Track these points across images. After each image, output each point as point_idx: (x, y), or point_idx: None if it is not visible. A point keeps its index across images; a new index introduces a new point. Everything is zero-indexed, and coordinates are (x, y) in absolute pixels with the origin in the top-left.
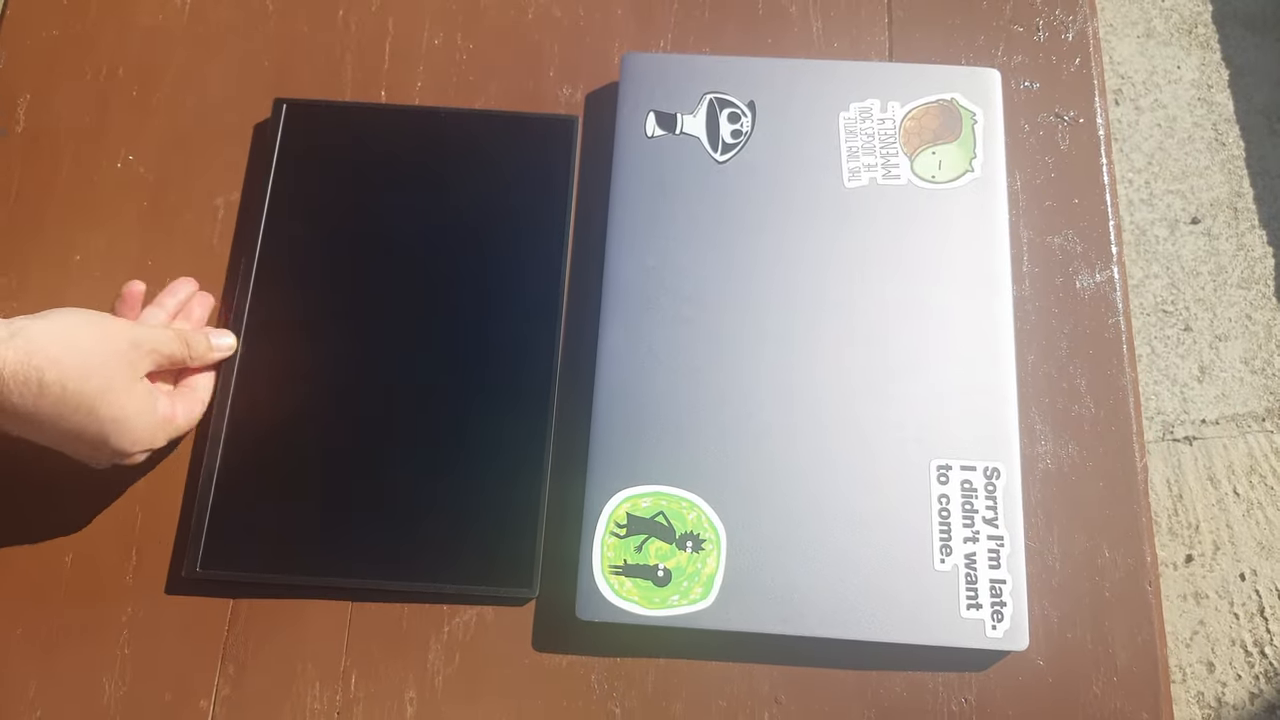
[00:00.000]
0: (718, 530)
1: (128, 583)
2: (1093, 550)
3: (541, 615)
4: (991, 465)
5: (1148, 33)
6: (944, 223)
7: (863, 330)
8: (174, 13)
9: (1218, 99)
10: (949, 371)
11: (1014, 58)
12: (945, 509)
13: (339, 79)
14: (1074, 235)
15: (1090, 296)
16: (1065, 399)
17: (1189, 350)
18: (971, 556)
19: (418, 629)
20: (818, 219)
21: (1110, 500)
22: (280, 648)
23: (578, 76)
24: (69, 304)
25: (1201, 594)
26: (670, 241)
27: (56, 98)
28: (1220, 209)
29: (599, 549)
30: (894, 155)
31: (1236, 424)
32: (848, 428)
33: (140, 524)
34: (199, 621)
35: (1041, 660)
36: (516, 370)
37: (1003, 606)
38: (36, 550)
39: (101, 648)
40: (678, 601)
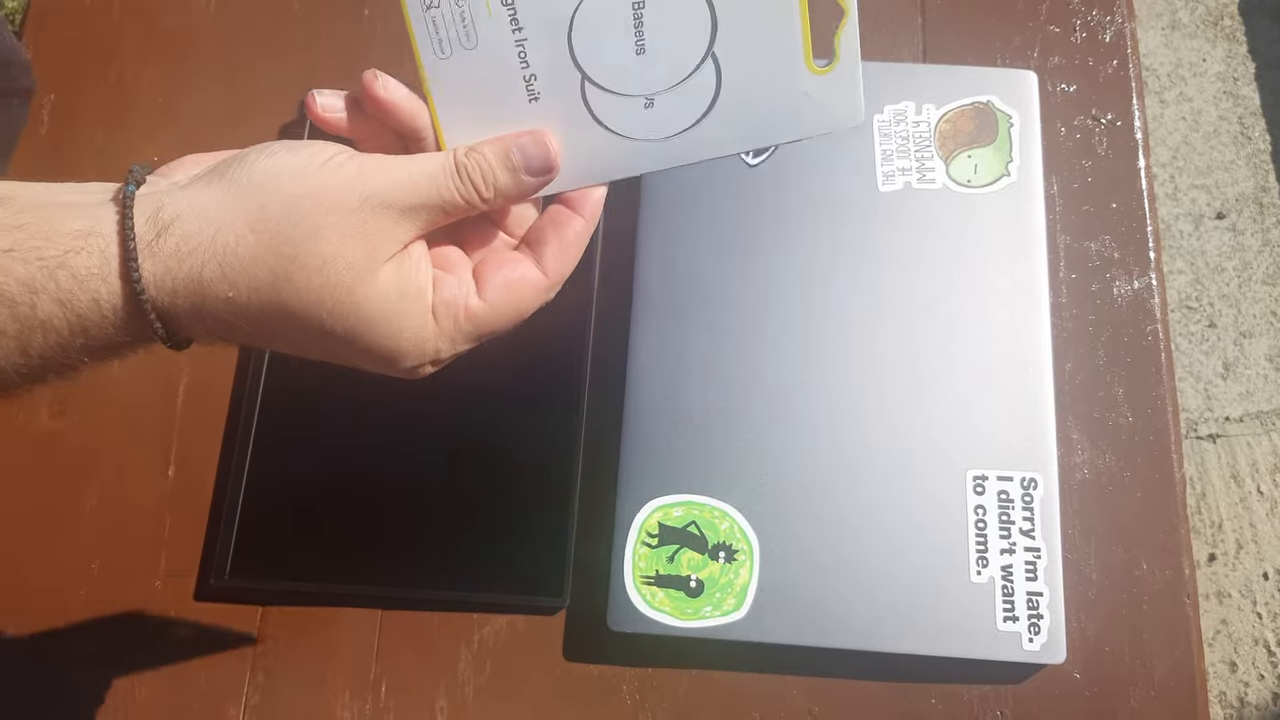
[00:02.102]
0: (750, 541)
1: (157, 590)
2: (1130, 562)
3: (572, 625)
4: (1029, 476)
5: (1173, 24)
6: (980, 228)
7: (897, 337)
8: (198, 13)
9: (1244, 92)
10: (985, 379)
11: (1050, 59)
12: (982, 520)
13: None
14: (1111, 241)
15: (1128, 304)
16: (1102, 408)
17: (1213, 347)
18: (1008, 568)
19: (448, 638)
20: (851, 223)
21: (1148, 511)
22: (310, 656)
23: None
24: None
25: (1224, 593)
26: (701, 247)
27: (80, 100)
28: (1246, 204)
29: (630, 559)
30: (929, 159)
31: (1261, 422)
32: (882, 436)
33: (169, 530)
34: (228, 630)
35: (1078, 673)
36: (546, 378)
37: (1039, 619)
38: (64, 557)
39: (132, 656)
40: (710, 613)
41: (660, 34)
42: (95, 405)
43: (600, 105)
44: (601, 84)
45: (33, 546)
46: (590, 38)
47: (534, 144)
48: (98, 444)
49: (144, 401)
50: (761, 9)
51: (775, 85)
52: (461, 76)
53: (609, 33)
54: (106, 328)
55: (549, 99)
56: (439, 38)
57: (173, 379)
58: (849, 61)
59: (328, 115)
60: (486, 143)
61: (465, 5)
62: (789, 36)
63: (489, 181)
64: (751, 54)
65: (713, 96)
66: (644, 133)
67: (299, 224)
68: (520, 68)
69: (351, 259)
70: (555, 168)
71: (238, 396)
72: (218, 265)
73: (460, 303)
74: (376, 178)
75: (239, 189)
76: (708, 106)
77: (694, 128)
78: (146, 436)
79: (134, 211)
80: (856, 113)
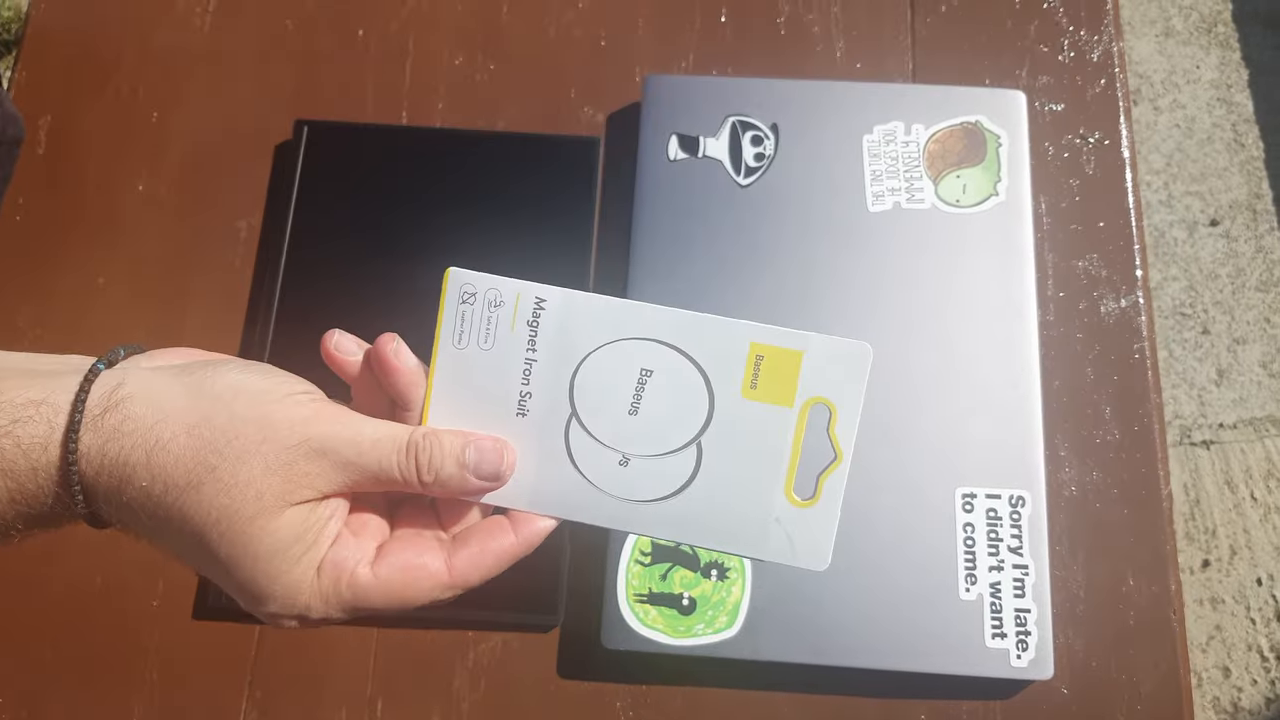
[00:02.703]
0: (743, 559)
1: (155, 609)
2: (1117, 579)
3: (566, 642)
4: (1016, 493)
5: (1167, 32)
6: (969, 248)
7: (887, 356)
8: (194, 32)
9: (1237, 99)
10: (974, 398)
11: (1039, 78)
12: (970, 537)
13: (360, 99)
14: (1099, 259)
15: (1115, 321)
16: (1090, 425)
17: (1207, 354)
18: (996, 586)
19: (443, 655)
20: (841, 243)
21: (1135, 528)
22: (307, 674)
23: (599, 97)
24: (90, 325)
25: (1218, 599)
26: (693, 267)
27: (77, 119)
28: (1239, 211)
29: (624, 577)
30: (918, 179)
31: (1254, 428)
32: (872, 455)
33: None
34: (226, 648)
35: (1066, 689)
36: None
37: (1027, 636)
38: (64, 576)
39: (128, 674)
40: (703, 631)
41: (656, 404)
42: None
43: (578, 445)
44: (587, 427)
45: (33, 566)
46: (592, 382)
47: (491, 450)
48: None
49: None
50: (758, 422)
51: (749, 496)
52: (467, 368)
53: (611, 385)
54: (42, 498)
55: (535, 420)
56: (461, 330)
57: None
58: (828, 506)
59: (339, 356)
60: (448, 432)
61: (495, 313)
62: (776, 457)
63: (433, 467)
64: (736, 457)
65: (685, 481)
66: (610, 488)
67: (232, 443)
68: (520, 383)
69: (263, 490)
70: (503, 479)
71: None
72: (145, 453)
73: (348, 567)
74: (325, 425)
75: (197, 392)
76: (678, 489)
77: (657, 503)
78: None
79: (94, 386)
80: (822, 558)
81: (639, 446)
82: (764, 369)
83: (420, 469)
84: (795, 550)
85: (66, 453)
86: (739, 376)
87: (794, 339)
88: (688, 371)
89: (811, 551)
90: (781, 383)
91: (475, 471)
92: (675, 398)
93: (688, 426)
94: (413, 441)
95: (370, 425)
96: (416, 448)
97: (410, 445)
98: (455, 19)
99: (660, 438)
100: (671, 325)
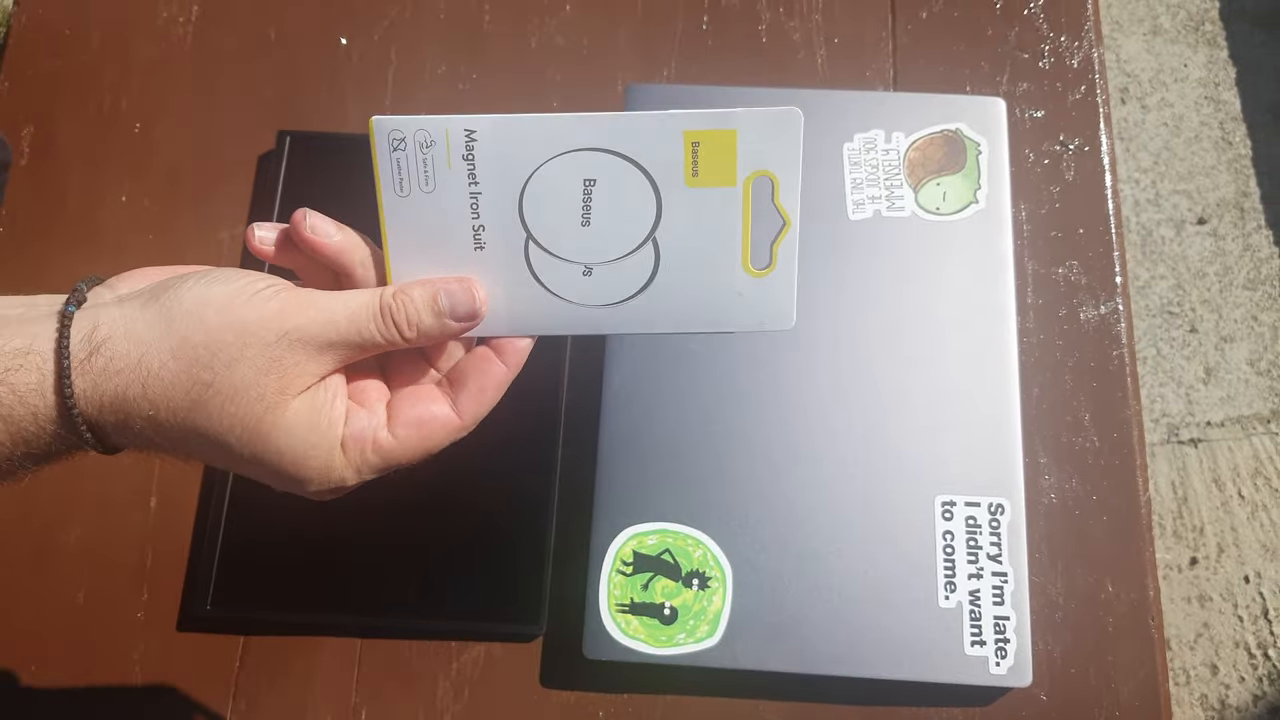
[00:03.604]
0: (723, 568)
1: (139, 621)
2: (1096, 585)
3: (549, 652)
4: (996, 501)
5: (1154, 30)
6: (948, 256)
7: (867, 365)
8: (176, 44)
9: (1225, 97)
10: (953, 406)
11: (1019, 85)
12: (950, 545)
13: (342, 109)
14: (1079, 267)
15: (1094, 329)
16: (1069, 432)
17: (1194, 352)
18: (975, 593)
19: (426, 665)
20: (822, 252)
21: (1114, 535)
22: (291, 684)
23: (581, 106)
24: None
25: (1206, 596)
26: None
27: (59, 130)
28: (1227, 209)
29: (605, 587)
30: (898, 187)
31: (1242, 426)
32: (852, 463)
33: (151, 562)
34: (210, 658)
35: (1045, 695)
36: (522, 409)
37: (1006, 643)
38: (50, 588)
39: (114, 685)
40: (684, 640)
41: (606, 212)
42: None
43: (540, 264)
44: (544, 246)
45: (16, 578)
46: (540, 202)
47: (461, 291)
48: (80, 476)
49: None
50: (706, 206)
51: (710, 279)
52: (416, 215)
53: (558, 201)
54: (44, 438)
55: (493, 250)
56: (400, 178)
57: None
58: (785, 270)
59: (262, 248)
60: (416, 284)
61: (429, 153)
62: (729, 236)
63: (413, 323)
64: (691, 246)
65: (648, 278)
66: (578, 298)
67: (218, 354)
68: (471, 218)
69: (263, 390)
70: (480, 315)
71: None
72: (141, 386)
73: (368, 437)
74: (297, 315)
75: (168, 315)
76: (642, 286)
77: (626, 303)
78: (128, 468)
79: (71, 330)
80: (788, 318)
81: (598, 255)
82: (702, 154)
83: (400, 328)
84: (760, 316)
85: (63, 399)
86: (680, 167)
87: (725, 119)
88: (630, 173)
89: (776, 314)
90: (721, 164)
91: (452, 315)
92: (623, 201)
93: (640, 225)
94: (385, 304)
95: (340, 301)
96: (390, 309)
97: (384, 309)
98: (438, 28)
99: (616, 242)
100: (604, 130)
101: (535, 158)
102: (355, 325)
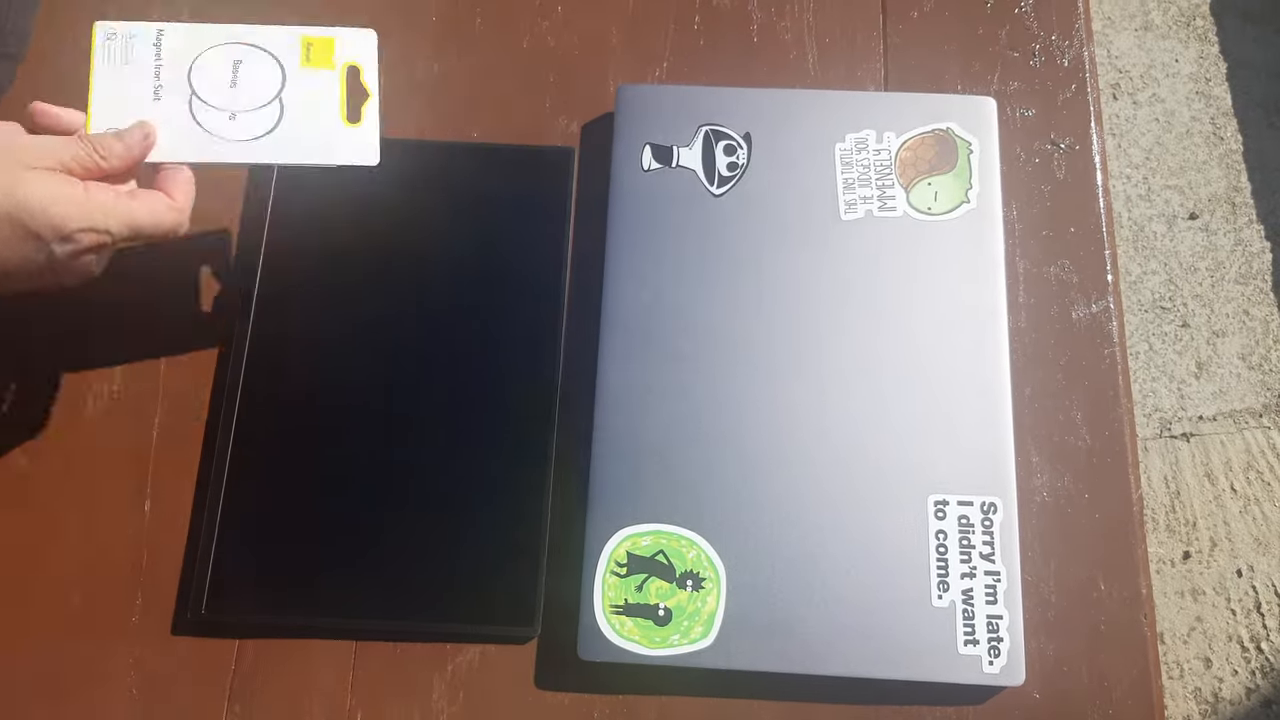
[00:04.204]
0: (717, 569)
1: (134, 624)
2: (1088, 583)
3: (544, 654)
4: (989, 500)
5: (1146, 25)
6: (940, 255)
7: (860, 365)
8: None
9: (1216, 92)
10: (946, 405)
11: (1010, 84)
12: (943, 545)
13: None
14: (1070, 265)
15: (1085, 327)
16: (1061, 431)
17: (1186, 347)
18: (969, 592)
19: (422, 668)
20: (814, 253)
21: (1106, 533)
22: (286, 688)
23: (574, 107)
24: (68, 347)
25: (1199, 590)
26: (668, 277)
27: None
28: (1218, 204)
29: (600, 588)
30: (890, 187)
31: (1234, 420)
32: (846, 463)
33: (145, 566)
34: (205, 662)
35: (1038, 694)
36: (516, 408)
37: (999, 642)
38: (43, 592)
39: (109, 689)
40: (678, 641)
41: (247, 78)
42: (70, 442)
43: (200, 112)
44: (203, 98)
45: (10, 582)
46: (202, 70)
47: (139, 129)
48: (74, 480)
49: (119, 437)
50: (315, 80)
51: (319, 126)
52: (116, 79)
53: (215, 70)
54: None
55: (166, 101)
56: (108, 54)
57: (147, 414)
58: (369, 125)
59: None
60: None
61: (130, 39)
62: (329, 98)
63: (105, 151)
64: (305, 104)
65: (275, 123)
66: (228, 134)
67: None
68: (153, 79)
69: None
70: (151, 144)
71: (211, 431)
72: None
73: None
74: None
75: None
76: (271, 128)
77: (262, 138)
78: (122, 472)
79: None
80: (371, 156)
81: (240, 105)
82: (313, 50)
83: (99, 153)
84: (352, 153)
85: None
86: (297, 55)
87: (328, 33)
88: (266, 59)
89: (364, 153)
90: (325, 56)
91: (127, 142)
92: (259, 73)
93: (269, 88)
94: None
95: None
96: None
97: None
98: (428, 29)
99: (254, 97)
100: (251, 32)
101: (201, 46)
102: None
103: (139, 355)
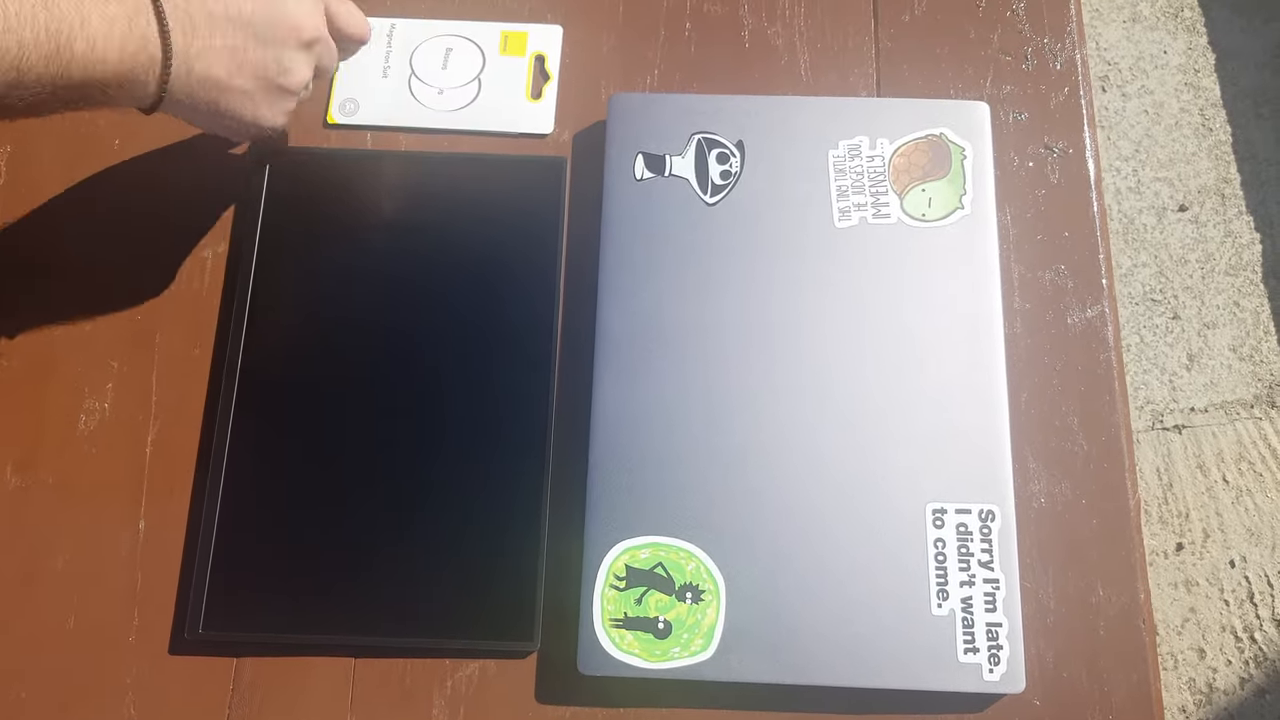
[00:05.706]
0: (716, 581)
1: (130, 644)
2: (1086, 589)
3: (543, 668)
4: (986, 508)
5: (1134, 17)
6: (935, 262)
7: (855, 373)
8: None
9: (1204, 84)
10: (943, 413)
11: (1003, 88)
12: (941, 553)
13: (323, 122)
14: (1065, 270)
15: (1081, 332)
16: (1058, 437)
17: (1177, 339)
18: (968, 600)
19: (421, 684)
20: (808, 261)
21: (1103, 538)
22: (285, 706)
23: (565, 116)
24: (60, 364)
25: (1192, 581)
26: (662, 287)
27: (37, 149)
28: (1208, 195)
29: (599, 602)
30: (884, 194)
31: (1225, 411)
32: (843, 472)
33: (141, 585)
34: (203, 682)
35: (1038, 700)
36: (511, 422)
37: (999, 649)
38: (39, 613)
39: (106, 710)
40: (679, 654)
41: (455, 62)
42: (63, 461)
43: (416, 87)
44: (420, 77)
45: (5, 604)
46: (421, 55)
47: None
48: (67, 500)
49: (112, 456)
50: (509, 65)
51: (507, 102)
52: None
53: (431, 55)
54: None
55: (392, 78)
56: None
57: (140, 432)
58: (548, 102)
59: None
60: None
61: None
62: (518, 79)
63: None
64: (499, 84)
65: (473, 98)
66: (434, 105)
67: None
68: (383, 62)
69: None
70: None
71: (205, 448)
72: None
73: None
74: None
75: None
76: (469, 101)
77: (459, 110)
78: (116, 491)
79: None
80: (546, 126)
81: (448, 83)
82: (509, 41)
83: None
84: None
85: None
86: (496, 44)
87: (523, 27)
88: (471, 47)
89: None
90: (519, 46)
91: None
92: (465, 59)
93: (473, 69)
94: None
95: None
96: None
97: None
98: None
99: (459, 77)
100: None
101: (423, 36)
102: None
103: (131, 371)
